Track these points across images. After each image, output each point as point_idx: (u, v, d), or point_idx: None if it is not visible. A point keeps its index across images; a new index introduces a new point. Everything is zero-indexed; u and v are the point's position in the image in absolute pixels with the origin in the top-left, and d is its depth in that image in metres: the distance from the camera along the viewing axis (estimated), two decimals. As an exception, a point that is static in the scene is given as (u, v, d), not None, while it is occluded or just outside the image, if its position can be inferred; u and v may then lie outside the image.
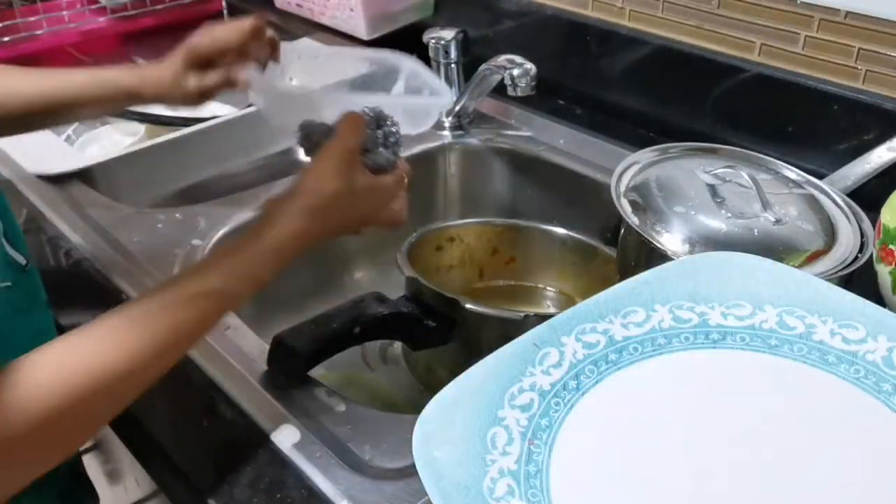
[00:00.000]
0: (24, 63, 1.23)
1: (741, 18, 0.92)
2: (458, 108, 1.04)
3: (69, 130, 1.14)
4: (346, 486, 0.56)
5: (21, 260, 0.62)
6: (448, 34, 1.01)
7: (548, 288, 0.94)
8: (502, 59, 0.93)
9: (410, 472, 0.56)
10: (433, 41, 1.02)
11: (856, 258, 0.67)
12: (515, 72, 0.91)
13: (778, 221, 0.69)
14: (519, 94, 0.92)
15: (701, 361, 0.53)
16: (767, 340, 0.53)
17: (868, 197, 0.75)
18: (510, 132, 1.06)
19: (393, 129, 0.66)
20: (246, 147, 1.10)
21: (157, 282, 0.56)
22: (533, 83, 0.92)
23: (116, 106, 0.74)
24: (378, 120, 0.66)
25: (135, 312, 0.51)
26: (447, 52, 1.02)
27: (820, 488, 0.45)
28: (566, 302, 0.93)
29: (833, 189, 0.75)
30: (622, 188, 0.75)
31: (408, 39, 1.17)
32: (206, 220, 0.85)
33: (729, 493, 0.45)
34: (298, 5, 1.29)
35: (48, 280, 0.68)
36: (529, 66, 0.92)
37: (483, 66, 0.96)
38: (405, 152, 1.01)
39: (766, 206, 0.70)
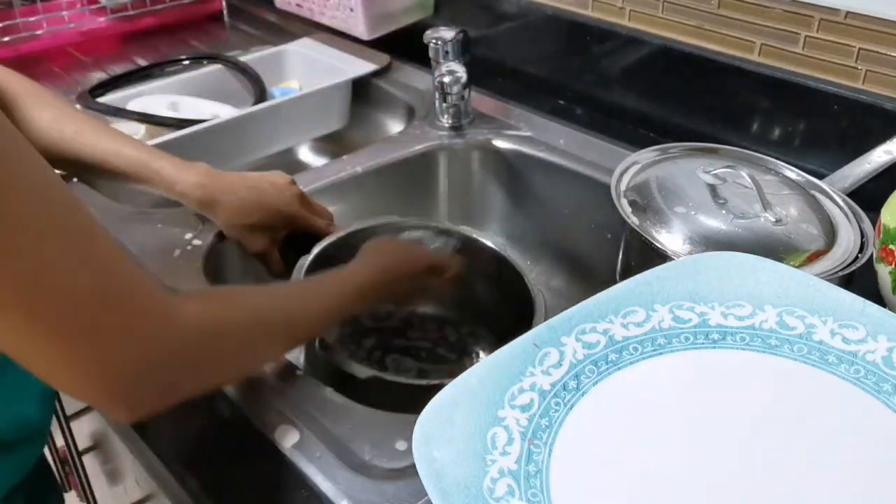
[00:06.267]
0: (24, 63, 1.24)
1: (741, 18, 0.92)
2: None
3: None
4: (346, 486, 0.56)
5: None
6: (448, 34, 1.01)
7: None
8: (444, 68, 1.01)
9: (410, 472, 0.56)
10: (433, 42, 1.02)
11: (856, 258, 0.67)
12: (446, 79, 1.01)
13: (778, 221, 0.69)
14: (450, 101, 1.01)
15: (701, 361, 0.53)
16: (767, 340, 0.53)
17: (868, 197, 0.75)
18: (510, 132, 1.05)
19: None
20: (246, 147, 1.10)
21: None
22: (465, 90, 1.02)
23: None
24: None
25: (293, 288, 0.71)
26: (447, 53, 1.01)
27: (820, 488, 0.45)
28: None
29: (833, 189, 0.75)
30: (622, 188, 0.75)
31: (408, 39, 1.18)
32: (205, 221, 0.85)
33: (729, 492, 0.45)
34: (298, 5, 1.29)
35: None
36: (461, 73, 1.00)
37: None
38: (405, 151, 1.03)
39: (766, 206, 0.70)
